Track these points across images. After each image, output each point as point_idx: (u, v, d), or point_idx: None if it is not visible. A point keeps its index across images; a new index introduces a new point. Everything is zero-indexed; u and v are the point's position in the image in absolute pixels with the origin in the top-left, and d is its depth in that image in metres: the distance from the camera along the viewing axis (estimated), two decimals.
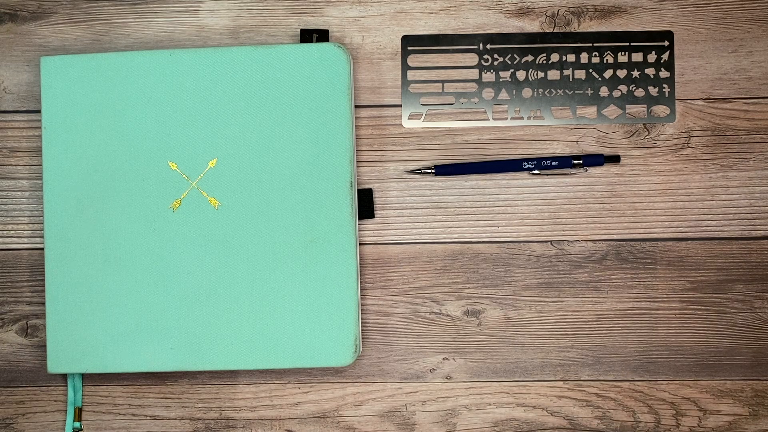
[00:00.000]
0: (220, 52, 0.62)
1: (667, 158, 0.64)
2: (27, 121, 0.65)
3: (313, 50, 0.61)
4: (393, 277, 0.64)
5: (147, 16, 0.65)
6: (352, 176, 0.61)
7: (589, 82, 0.64)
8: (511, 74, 0.64)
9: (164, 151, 0.62)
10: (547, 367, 0.64)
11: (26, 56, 0.65)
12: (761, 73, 0.64)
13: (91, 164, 0.62)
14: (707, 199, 0.64)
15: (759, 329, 0.64)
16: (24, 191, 0.65)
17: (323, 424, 0.64)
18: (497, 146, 0.64)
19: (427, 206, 0.64)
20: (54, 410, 0.65)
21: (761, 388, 0.64)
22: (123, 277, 0.61)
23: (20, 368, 0.65)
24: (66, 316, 0.62)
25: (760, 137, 0.64)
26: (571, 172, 0.64)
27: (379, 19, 0.64)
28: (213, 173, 0.62)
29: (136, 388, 0.65)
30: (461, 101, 0.64)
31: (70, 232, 0.62)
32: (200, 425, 0.65)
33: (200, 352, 0.61)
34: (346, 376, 0.64)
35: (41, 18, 0.65)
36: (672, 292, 0.64)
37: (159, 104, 0.62)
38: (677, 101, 0.64)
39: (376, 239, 0.64)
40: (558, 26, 0.64)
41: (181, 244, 0.61)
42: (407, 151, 0.64)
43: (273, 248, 0.61)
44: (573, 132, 0.64)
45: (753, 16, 0.64)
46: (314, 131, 0.61)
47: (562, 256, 0.64)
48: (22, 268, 0.65)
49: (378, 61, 0.64)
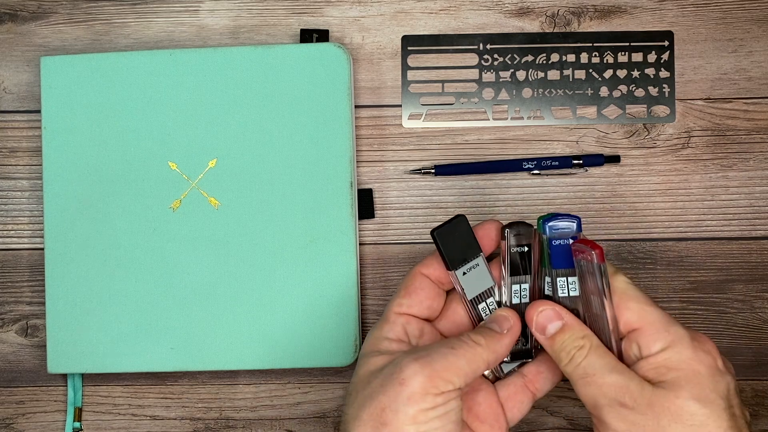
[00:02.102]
0: (220, 52, 0.62)
1: (667, 158, 0.64)
2: (27, 121, 0.65)
3: (313, 50, 0.61)
4: (393, 277, 0.64)
5: (147, 16, 0.65)
6: (352, 176, 0.61)
7: (589, 82, 0.64)
8: (511, 74, 0.64)
9: (164, 151, 0.62)
10: None
11: (26, 56, 0.65)
12: (761, 73, 0.64)
13: (91, 164, 0.62)
14: (707, 199, 0.64)
15: (759, 329, 0.64)
16: (24, 191, 0.65)
17: (323, 424, 0.64)
18: (497, 146, 0.64)
19: (427, 206, 0.64)
20: (54, 410, 0.65)
21: (761, 388, 0.64)
22: (123, 277, 0.61)
23: (20, 368, 0.65)
24: (66, 316, 0.62)
25: (760, 137, 0.64)
26: (571, 172, 0.64)
27: (379, 19, 0.64)
28: (213, 173, 0.62)
29: (136, 388, 0.65)
30: (461, 101, 0.64)
31: (70, 232, 0.62)
32: (200, 425, 0.65)
33: (200, 352, 0.61)
34: (346, 376, 0.64)
35: (41, 18, 0.65)
36: (672, 292, 0.64)
37: (159, 104, 0.62)
38: (677, 101, 0.64)
39: (376, 239, 0.64)
40: (558, 26, 0.64)
41: (181, 244, 0.61)
42: (407, 151, 0.64)
43: (273, 248, 0.61)
44: (573, 132, 0.64)
45: (753, 16, 0.64)
46: (314, 131, 0.61)
47: None
48: (22, 268, 0.65)
49: (378, 61, 0.64)
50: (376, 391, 0.48)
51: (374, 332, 0.53)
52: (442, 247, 0.52)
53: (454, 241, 0.53)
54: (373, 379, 0.49)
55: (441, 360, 0.48)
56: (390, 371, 0.48)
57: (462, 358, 0.49)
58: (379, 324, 0.53)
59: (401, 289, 0.54)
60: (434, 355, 0.48)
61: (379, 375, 0.49)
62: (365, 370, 0.50)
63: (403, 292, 0.53)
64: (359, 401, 0.48)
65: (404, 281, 0.54)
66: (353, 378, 0.51)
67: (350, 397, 0.50)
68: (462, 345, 0.50)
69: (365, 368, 0.50)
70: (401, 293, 0.53)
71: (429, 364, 0.48)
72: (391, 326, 0.52)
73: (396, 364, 0.48)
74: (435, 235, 0.52)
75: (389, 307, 0.54)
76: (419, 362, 0.48)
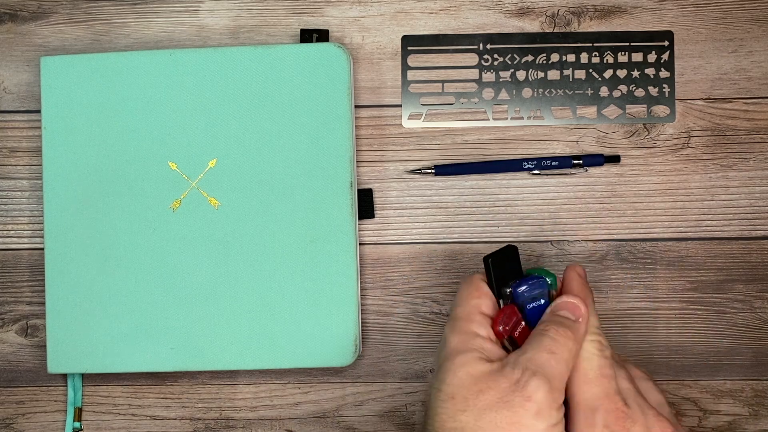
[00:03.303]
0: (220, 52, 0.62)
1: (667, 158, 0.64)
2: (27, 121, 0.65)
3: (313, 50, 0.61)
4: (393, 277, 0.64)
5: (147, 16, 0.65)
6: (352, 176, 0.61)
7: (589, 82, 0.64)
8: (511, 74, 0.64)
9: (164, 151, 0.62)
10: None
11: (26, 56, 0.65)
12: (761, 73, 0.64)
13: (91, 164, 0.62)
14: (707, 199, 0.64)
15: (759, 329, 0.64)
16: (24, 191, 0.65)
17: (323, 424, 0.64)
18: (497, 146, 0.64)
19: (427, 206, 0.64)
20: (54, 410, 0.65)
21: (761, 388, 0.64)
22: (123, 277, 0.61)
23: (20, 368, 0.65)
24: (66, 316, 0.62)
25: (760, 137, 0.64)
26: (571, 172, 0.64)
27: (379, 19, 0.64)
28: (213, 173, 0.62)
29: (136, 388, 0.65)
30: (461, 101, 0.64)
31: (70, 232, 0.62)
32: (200, 425, 0.65)
33: (200, 352, 0.61)
34: (346, 376, 0.64)
35: (41, 18, 0.65)
36: (672, 292, 0.64)
37: (159, 104, 0.62)
38: (677, 101, 0.64)
39: (376, 239, 0.64)
40: (558, 26, 0.64)
41: (181, 244, 0.61)
42: (407, 151, 0.64)
43: (273, 248, 0.61)
44: (573, 132, 0.64)
45: (753, 16, 0.64)
46: (314, 131, 0.61)
47: (562, 256, 0.64)
48: (22, 268, 0.65)
49: (378, 61, 0.64)
50: (498, 405, 0.47)
51: (459, 328, 0.51)
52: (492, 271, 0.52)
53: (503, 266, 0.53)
54: (487, 389, 0.48)
55: (552, 371, 0.48)
56: (510, 387, 0.47)
57: (562, 363, 0.49)
58: (460, 322, 0.51)
59: (473, 290, 0.52)
60: (545, 366, 0.48)
61: (494, 386, 0.48)
62: (466, 373, 0.49)
63: (477, 293, 0.52)
64: (476, 411, 0.47)
65: (470, 284, 0.53)
66: (449, 378, 0.49)
67: (454, 402, 0.48)
68: (557, 345, 0.49)
69: (465, 371, 0.49)
70: (474, 294, 0.52)
71: (546, 377, 0.47)
72: (480, 324, 0.51)
73: (516, 380, 0.47)
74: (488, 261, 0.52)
75: (466, 308, 0.52)
76: (538, 377, 0.47)
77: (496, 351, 0.50)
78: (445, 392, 0.49)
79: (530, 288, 0.52)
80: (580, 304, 0.51)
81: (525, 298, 0.51)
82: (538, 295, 0.52)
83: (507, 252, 0.53)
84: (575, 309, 0.51)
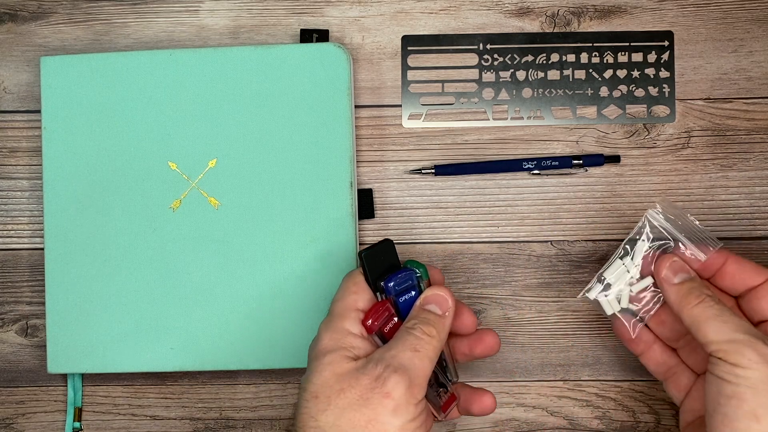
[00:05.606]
0: (220, 52, 0.62)
1: (667, 158, 0.64)
2: (27, 121, 0.65)
3: (313, 50, 0.61)
4: None
5: (147, 16, 0.65)
6: (352, 176, 0.61)
7: (589, 82, 0.64)
8: (511, 74, 0.64)
9: (164, 151, 0.62)
10: (547, 367, 0.64)
11: (26, 56, 0.65)
12: (761, 73, 0.64)
13: (91, 164, 0.62)
14: (707, 199, 0.64)
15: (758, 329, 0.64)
16: (24, 191, 0.65)
17: None
18: (497, 146, 0.64)
19: (427, 206, 0.64)
20: (54, 410, 0.65)
21: None
22: (123, 277, 0.61)
23: (20, 368, 0.65)
24: (66, 316, 0.62)
25: (760, 137, 0.64)
26: (571, 172, 0.64)
27: (379, 19, 0.64)
28: (213, 173, 0.62)
29: (136, 388, 0.65)
30: (461, 101, 0.64)
31: (70, 232, 0.62)
32: (200, 425, 0.65)
33: (200, 352, 0.61)
34: None
35: (41, 18, 0.65)
36: None
37: (159, 104, 0.62)
38: (677, 101, 0.64)
39: (376, 239, 0.64)
40: (558, 26, 0.64)
41: (181, 244, 0.61)
42: (407, 151, 0.64)
43: (273, 248, 0.61)
44: (573, 132, 0.64)
45: (753, 16, 0.64)
46: (314, 131, 0.61)
47: (562, 256, 0.64)
48: (22, 268, 0.65)
49: (378, 61, 0.64)
50: (357, 403, 0.48)
51: (333, 325, 0.52)
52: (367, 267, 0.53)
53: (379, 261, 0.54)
54: (348, 388, 0.49)
55: (413, 368, 0.49)
56: (370, 384, 0.48)
57: (426, 359, 0.50)
58: (334, 318, 0.52)
59: (351, 285, 0.53)
60: (407, 363, 0.49)
61: (356, 384, 0.49)
62: (331, 372, 0.50)
63: (354, 288, 0.53)
64: (336, 411, 0.48)
65: (349, 279, 0.54)
66: (314, 378, 0.50)
67: (317, 401, 0.49)
68: (421, 343, 0.50)
69: (330, 370, 0.50)
70: (352, 289, 0.53)
71: (406, 373, 0.48)
72: (354, 321, 0.52)
73: (376, 376, 0.48)
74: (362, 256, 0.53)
75: (342, 304, 0.53)
76: (399, 374, 0.48)
77: (366, 347, 0.51)
78: (310, 391, 0.50)
79: (399, 281, 0.53)
80: (447, 296, 0.52)
81: (396, 291, 0.53)
82: (408, 287, 0.53)
83: (384, 246, 0.54)
84: (443, 302, 0.52)
